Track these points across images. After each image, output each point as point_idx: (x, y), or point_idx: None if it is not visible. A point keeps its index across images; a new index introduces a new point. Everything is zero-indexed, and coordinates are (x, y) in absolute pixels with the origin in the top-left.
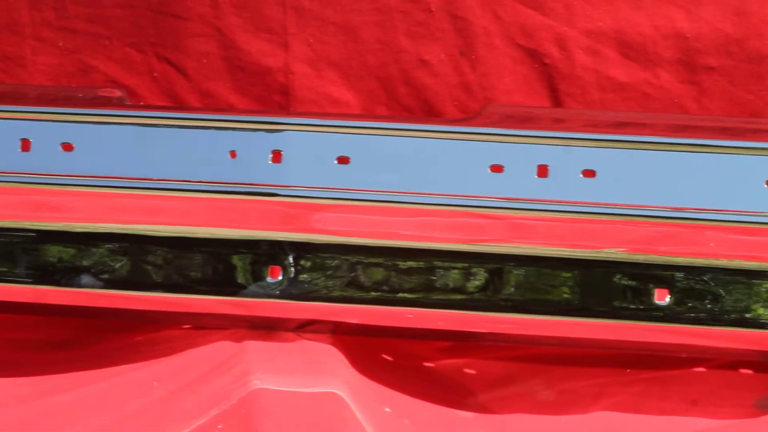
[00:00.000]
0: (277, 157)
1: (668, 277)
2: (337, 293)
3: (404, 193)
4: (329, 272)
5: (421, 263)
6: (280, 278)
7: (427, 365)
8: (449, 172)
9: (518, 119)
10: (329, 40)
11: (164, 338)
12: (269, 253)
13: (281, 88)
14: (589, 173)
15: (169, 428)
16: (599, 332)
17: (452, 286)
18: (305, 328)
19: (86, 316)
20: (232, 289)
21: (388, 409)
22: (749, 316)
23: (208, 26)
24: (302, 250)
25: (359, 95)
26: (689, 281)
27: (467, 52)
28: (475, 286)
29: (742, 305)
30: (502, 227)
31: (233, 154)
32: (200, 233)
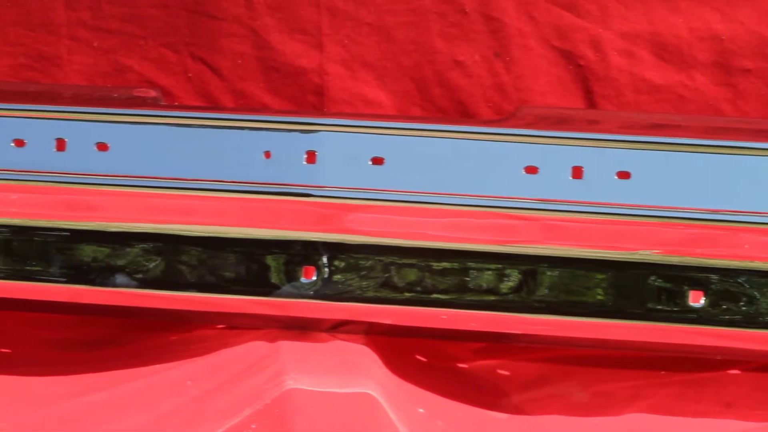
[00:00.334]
0: (311, 157)
1: (703, 279)
2: (370, 294)
3: (438, 194)
4: (363, 273)
5: (454, 264)
6: (313, 278)
7: (460, 366)
8: (483, 173)
9: (553, 120)
10: (363, 40)
11: (198, 338)
12: (303, 253)
13: (315, 88)
14: (623, 175)
15: (202, 428)
16: (633, 334)
17: (486, 287)
18: (339, 328)
19: (120, 315)
20: (265, 289)
21: (421, 409)
22: None
23: (242, 27)
24: (336, 250)
25: (393, 96)
26: (724, 283)
27: (502, 53)
28: (508, 287)
29: None
30: (536, 228)
31: (267, 154)
32: (234, 233)
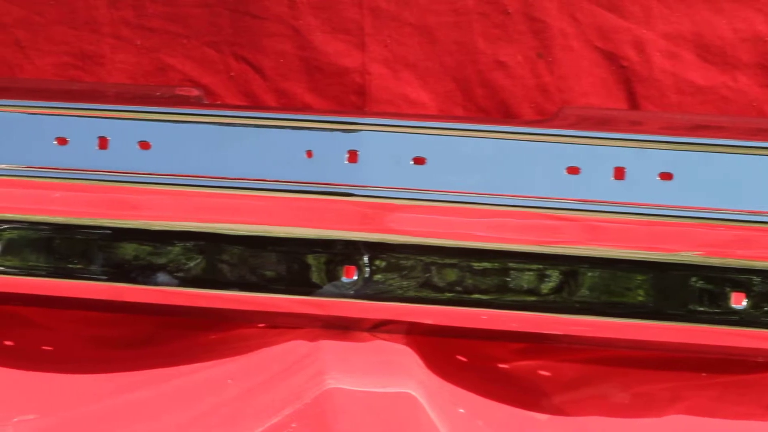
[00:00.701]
0: (353, 157)
1: (745, 280)
2: (411, 293)
3: (480, 194)
4: (404, 272)
5: (495, 264)
6: (355, 278)
7: (501, 367)
8: (525, 173)
9: (595, 121)
10: (406, 41)
11: (239, 337)
12: (344, 252)
13: (358, 88)
14: (666, 176)
15: (243, 426)
16: (674, 335)
17: (526, 287)
18: (380, 328)
19: (162, 314)
20: (307, 288)
21: (462, 410)
22: None
23: (285, 26)
24: (377, 250)
25: (435, 96)
26: (766, 285)
27: (544, 54)
28: (549, 287)
29: None
30: (577, 229)
31: (309, 153)
32: (276, 232)
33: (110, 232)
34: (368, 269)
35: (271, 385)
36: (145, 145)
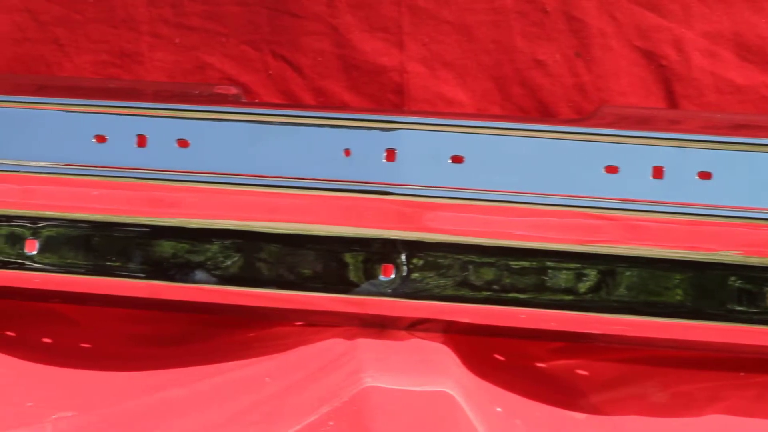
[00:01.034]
0: (391, 155)
1: None
2: (449, 292)
3: (518, 192)
4: (441, 271)
5: (533, 263)
6: (392, 276)
7: (539, 365)
8: (563, 172)
9: (634, 120)
10: (444, 39)
11: (277, 335)
12: (382, 251)
13: (396, 87)
14: (705, 175)
15: (280, 424)
16: (713, 335)
17: (564, 286)
18: (417, 326)
19: (199, 311)
20: (344, 286)
21: (499, 408)
22: None
23: (323, 24)
24: (415, 248)
25: (473, 95)
26: None
27: (583, 53)
28: (587, 286)
29: None
30: (615, 228)
31: (347, 152)
32: (314, 231)
33: (148, 229)
34: (406, 268)
35: (308, 383)
36: (183, 143)
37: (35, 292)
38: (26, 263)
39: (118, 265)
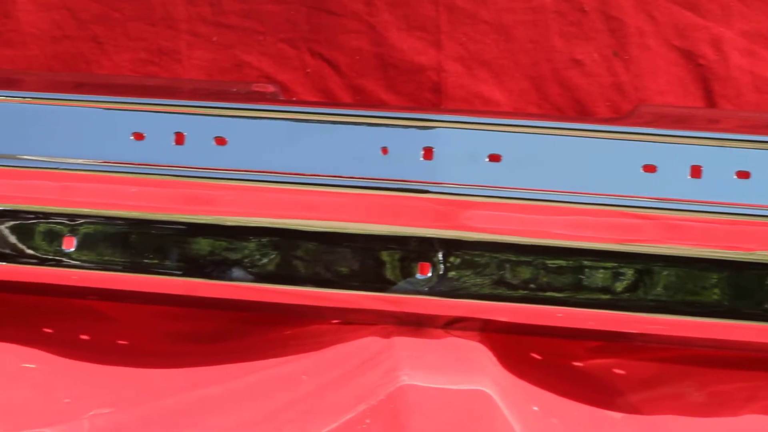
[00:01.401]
0: (428, 154)
1: None
2: (486, 291)
3: (555, 191)
4: (478, 270)
5: (570, 262)
6: (429, 275)
7: (575, 364)
8: (601, 171)
9: (672, 119)
10: (482, 38)
11: (313, 333)
12: (419, 249)
13: (433, 86)
14: (743, 174)
15: (316, 422)
16: (750, 335)
17: (602, 285)
18: (454, 325)
19: (236, 309)
20: (381, 285)
21: (536, 407)
22: None
23: (361, 23)
24: (452, 247)
25: (510, 95)
26: None
27: (621, 52)
28: (624, 286)
29: None
30: (653, 228)
31: (385, 150)
32: (350, 229)
33: (185, 227)
34: (443, 266)
35: (344, 381)
36: (221, 140)
37: (72, 289)
38: (64, 260)
39: (155, 262)
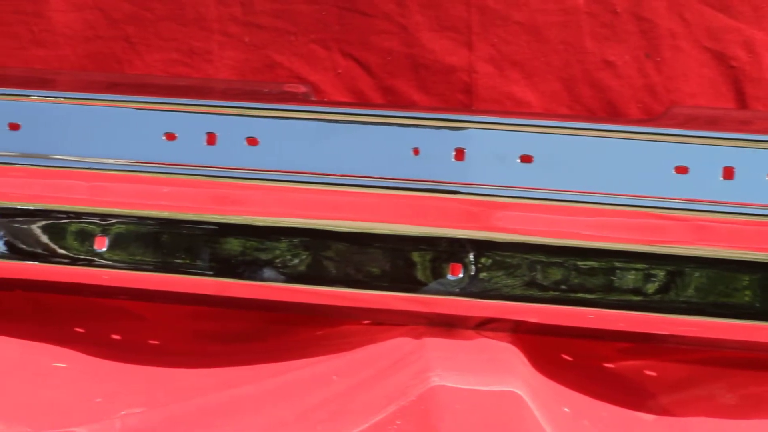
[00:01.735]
0: (459, 154)
1: None
2: (517, 292)
3: (587, 192)
4: (509, 271)
5: (601, 263)
6: (460, 276)
7: (607, 366)
8: (633, 172)
9: (704, 121)
10: (513, 39)
11: (344, 333)
12: (450, 250)
13: (464, 87)
14: None
15: (347, 422)
16: None
17: (633, 287)
18: (485, 326)
19: (267, 309)
20: (412, 285)
21: (567, 409)
22: None
23: (393, 23)
24: (483, 248)
25: (542, 96)
26: None
27: (652, 54)
28: (655, 287)
29: None
30: (685, 229)
31: (416, 151)
32: (382, 229)
33: (216, 227)
34: (474, 267)
35: (375, 381)
36: (252, 141)
37: (104, 288)
38: (95, 260)
39: (186, 262)
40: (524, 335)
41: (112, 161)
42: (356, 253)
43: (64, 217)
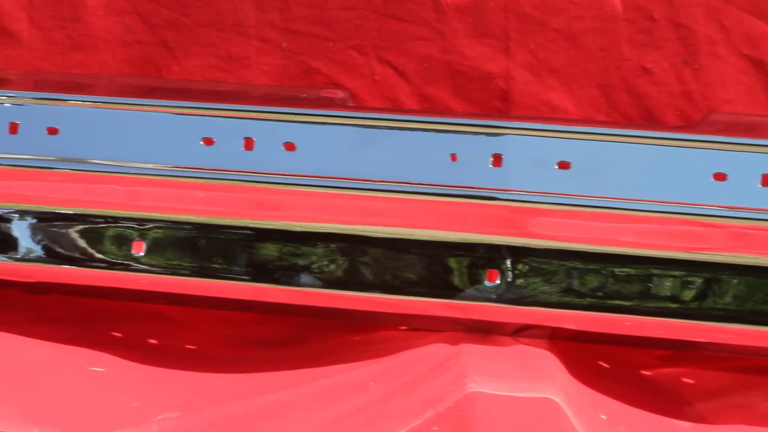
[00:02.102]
0: (497, 160)
1: None
2: (554, 299)
3: (624, 199)
4: (547, 277)
5: (638, 270)
6: (497, 282)
7: (644, 373)
8: (671, 179)
9: (742, 128)
10: (551, 46)
11: (380, 339)
12: (487, 256)
13: (501, 93)
14: None
15: (384, 428)
16: None
17: (670, 294)
18: (522, 332)
19: (303, 314)
20: (449, 291)
21: (603, 416)
22: None
23: (430, 30)
24: (520, 254)
25: (579, 103)
26: None
27: (690, 60)
28: (693, 294)
29: None
30: (722, 236)
31: (454, 157)
32: (419, 235)
33: (253, 232)
34: (511, 273)
35: (412, 387)
36: (290, 146)
37: (141, 293)
38: (132, 264)
39: (223, 267)
40: (561, 342)
41: (149, 166)
42: (393, 258)
43: (101, 221)
